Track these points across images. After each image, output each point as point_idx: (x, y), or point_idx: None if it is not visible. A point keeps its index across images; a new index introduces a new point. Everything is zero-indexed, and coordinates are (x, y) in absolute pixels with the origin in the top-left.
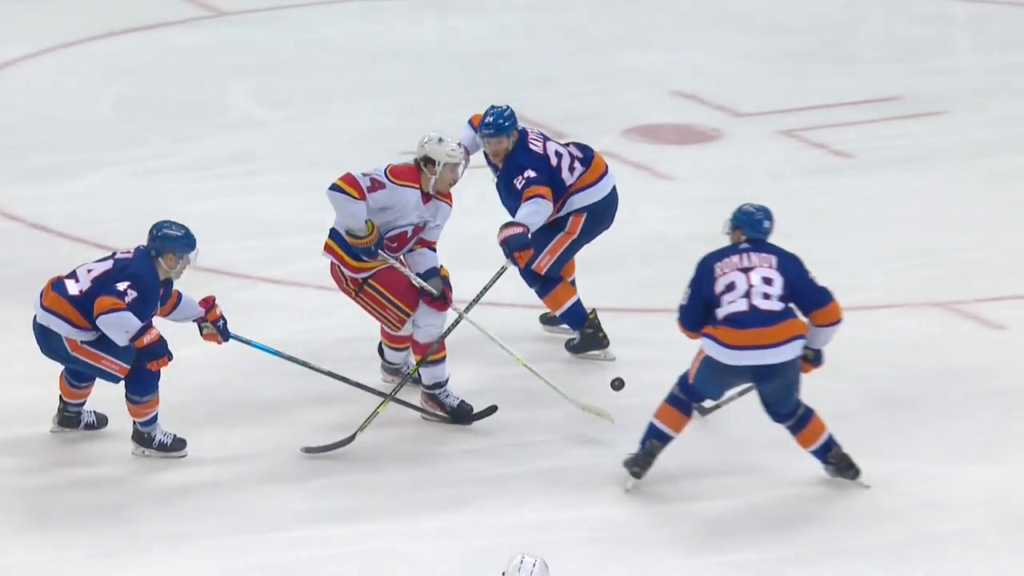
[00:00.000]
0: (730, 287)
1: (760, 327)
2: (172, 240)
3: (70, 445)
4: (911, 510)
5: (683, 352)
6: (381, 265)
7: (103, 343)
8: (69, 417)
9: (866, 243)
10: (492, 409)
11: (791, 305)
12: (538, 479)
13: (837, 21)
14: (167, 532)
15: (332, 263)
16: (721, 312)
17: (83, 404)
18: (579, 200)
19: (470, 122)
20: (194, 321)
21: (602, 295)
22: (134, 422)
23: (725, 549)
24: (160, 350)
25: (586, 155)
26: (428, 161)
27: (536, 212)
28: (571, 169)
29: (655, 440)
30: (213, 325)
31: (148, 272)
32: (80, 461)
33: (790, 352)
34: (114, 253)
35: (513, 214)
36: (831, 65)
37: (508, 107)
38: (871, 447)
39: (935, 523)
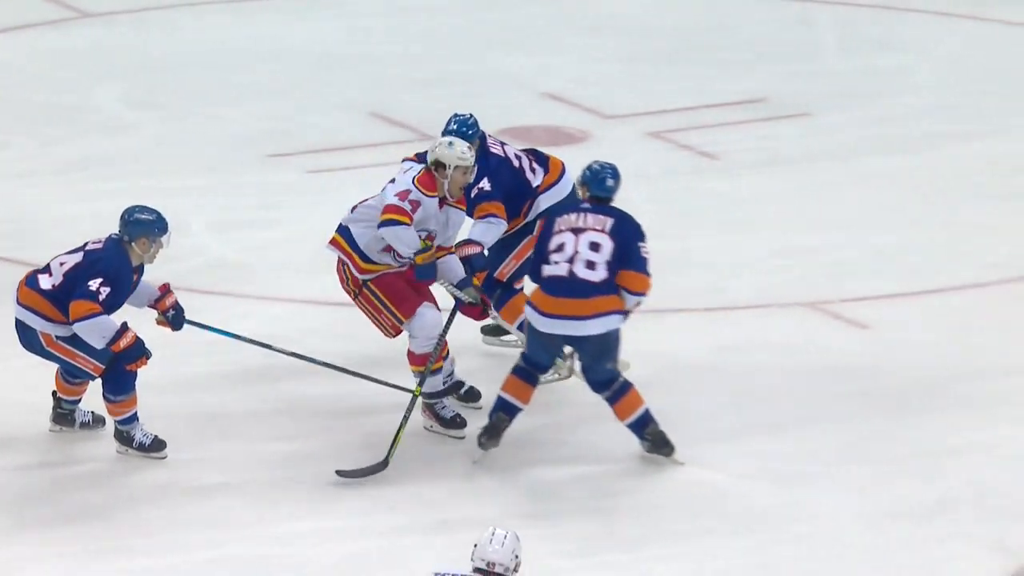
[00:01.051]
0: (559, 248)
1: (572, 298)
2: (144, 224)
3: (59, 444)
4: (777, 509)
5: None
6: (387, 269)
7: (78, 341)
8: (63, 415)
9: (732, 244)
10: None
11: (617, 274)
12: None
13: (704, 24)
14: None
15: (339, 259)
16: (545, 271)
17: (78, 401)
18: (545, 200)
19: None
20: (149, 307)
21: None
22: (114, 421)
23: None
24: (137, 352)
25: (540, 157)
26: (439, 166)
27: (488, 231)
28: (532, 171)
29: (502, 412)
30: (163, 315)
31: (120, 262)
32: (66, 460)
33: (599, 327)
34: (85, 244)
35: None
36: (698, 67)
37: (471, 115)
38: (736, 446)
39: (799, 523)
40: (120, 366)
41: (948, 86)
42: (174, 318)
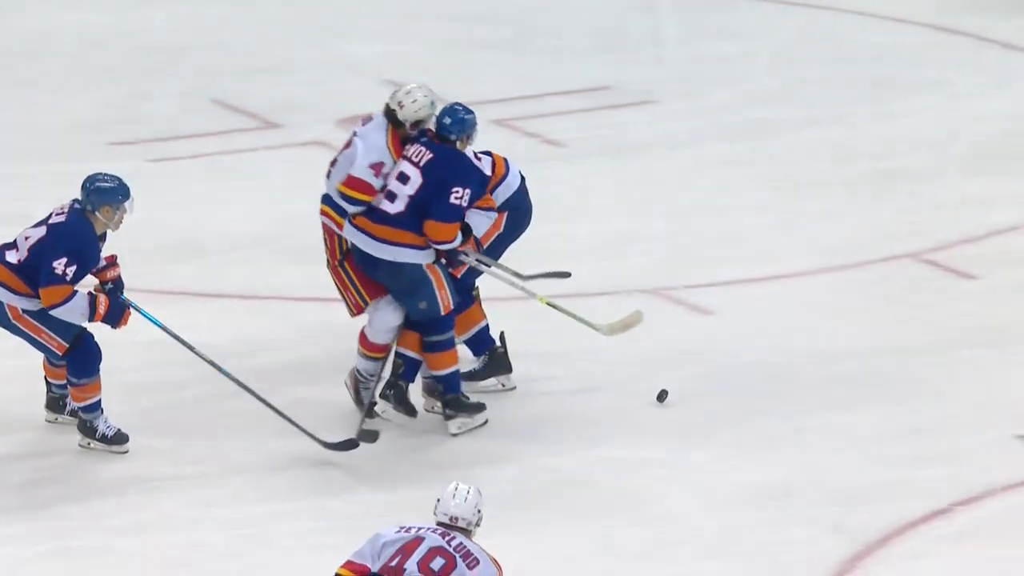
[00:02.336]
0: (388, 176)
1: (370, 220)
2: (107, 192)
3: (26, 434)
4: (622, 495)
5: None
6: None
7: (45, 317)
8: (54, 399)
9: (577, 231)
10: (352, 443)
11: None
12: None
13: (549, 11)
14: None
15: (325, 224)
16: None
17: (66, 385)
18: (501, 194)
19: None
20: (91, 274)
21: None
22: (78, 409)
23: None
24: (116, 311)
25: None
26: (415, 124)
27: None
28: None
29: (401, 365)
30: (102, 286)
31: (84, 233)
32: (30, 453)
33: (388, 254)
34: (49, 215)
35: None
36: (543, 55)
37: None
38: (585, 433)
39: (643, 508)
40: (83, 345)
41: (787, 73)
42: (112, 292)
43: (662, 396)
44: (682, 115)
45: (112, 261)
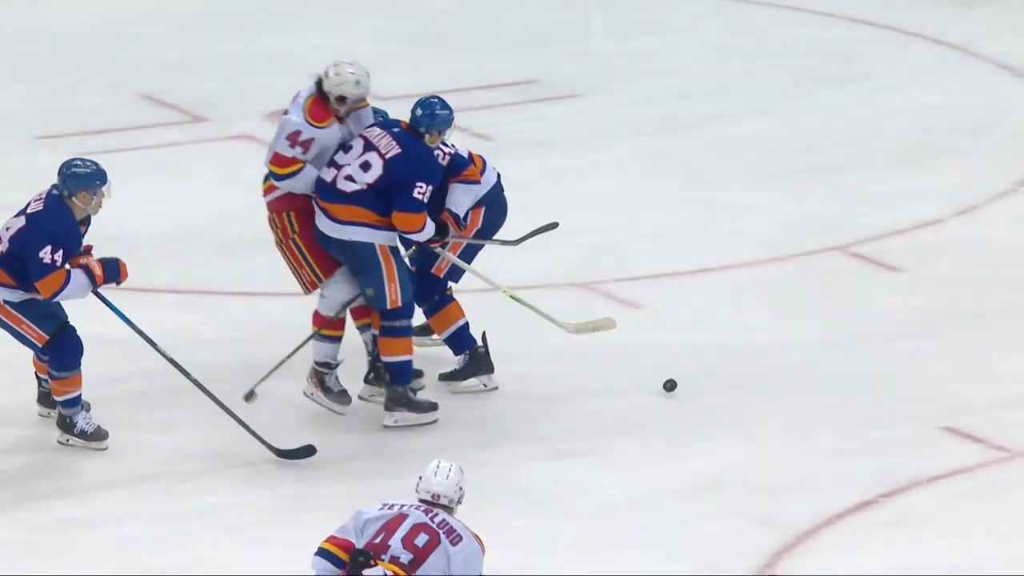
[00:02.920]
0: (348, 150)
1: (324, 200)
2: (83, 178)
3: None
4: (553, 489)
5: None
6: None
7: (25, 308)
8: (45, 393)
9: (506, 225)
10: (309, 450)
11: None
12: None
13: (476, 6)
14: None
15: (270, 203)
16: (323, 171)
17: None
18: (479, 190)
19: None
20: None
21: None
22: (58, 404)
23: None
24: (112, 268)
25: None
26: (340, 99)
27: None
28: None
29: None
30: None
31: (63, 220)
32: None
33: (340, 233)
34: (27, 205)
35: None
36: (470, 49)
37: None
38: (512, 428)
39: (572, 501)
40: (65, 337)
41: (712, 68)
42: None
43: (669, 386)
44: (609, 109)
45: (88, 250)
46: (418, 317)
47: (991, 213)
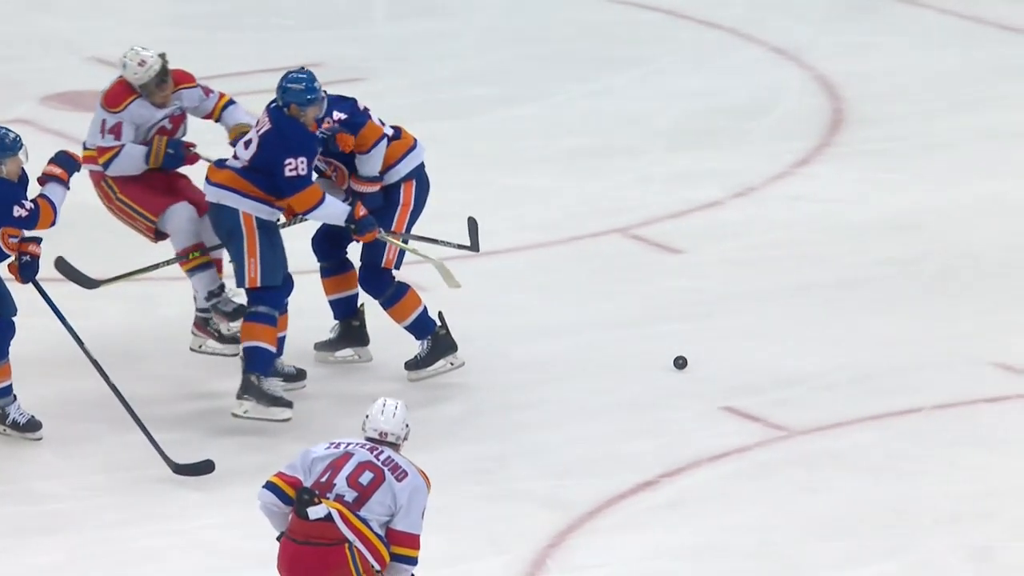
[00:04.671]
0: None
1: (213, 166)
2: (6, 146)
3: None
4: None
5: None
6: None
7: None
8: None
9: None
10: (208, 465)
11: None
12: None
13: None
14: None
15: (91, 173)
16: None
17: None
18: (409, 163)
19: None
20: None
21: None
22: None
23: None
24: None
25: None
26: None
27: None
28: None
29: None
30: (18, 258)
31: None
32: None
33: (212, 195)
34: None
35: None
36: (254, 32)
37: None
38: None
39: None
40: None
41: (492, 51)
42: (25, 267)
43: (680, 363)
44: (392, 92)
45: (36, 240)
46: (325, 330)
47: (767, 194)
